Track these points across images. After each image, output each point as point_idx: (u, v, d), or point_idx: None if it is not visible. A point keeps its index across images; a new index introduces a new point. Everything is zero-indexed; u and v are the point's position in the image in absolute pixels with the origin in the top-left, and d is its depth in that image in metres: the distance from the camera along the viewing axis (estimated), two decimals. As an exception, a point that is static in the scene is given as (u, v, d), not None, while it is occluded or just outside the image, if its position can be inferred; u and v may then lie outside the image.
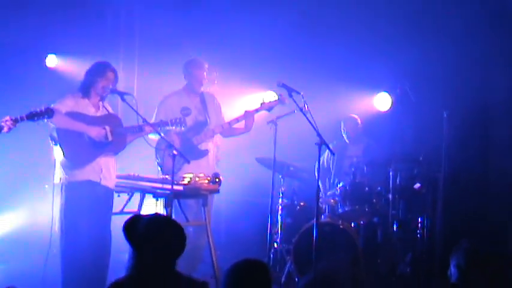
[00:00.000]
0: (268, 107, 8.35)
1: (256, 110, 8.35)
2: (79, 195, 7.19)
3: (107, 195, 7.44)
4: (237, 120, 8.35)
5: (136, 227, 4.30)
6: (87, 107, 7.40)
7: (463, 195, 9.63)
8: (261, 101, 8.41)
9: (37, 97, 7.63)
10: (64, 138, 7.21)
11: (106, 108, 7.55)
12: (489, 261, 5.26)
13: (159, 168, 8.10)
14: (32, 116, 6.64)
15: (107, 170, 7.42)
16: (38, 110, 6.66)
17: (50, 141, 7.30)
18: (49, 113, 6.71)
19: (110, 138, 7.34)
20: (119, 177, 7.68)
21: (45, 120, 6.77)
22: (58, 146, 7.22)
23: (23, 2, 9.43)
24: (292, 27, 10.24)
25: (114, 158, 7.52)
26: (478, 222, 9.57)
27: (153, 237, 4.25)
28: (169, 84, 8.88)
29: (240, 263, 4.26)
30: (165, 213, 7.21)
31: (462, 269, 5.18)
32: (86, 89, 7.41)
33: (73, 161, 7.24)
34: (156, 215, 4.58)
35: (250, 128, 8.37)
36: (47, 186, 8.13)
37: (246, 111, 8.34)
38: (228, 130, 8.42)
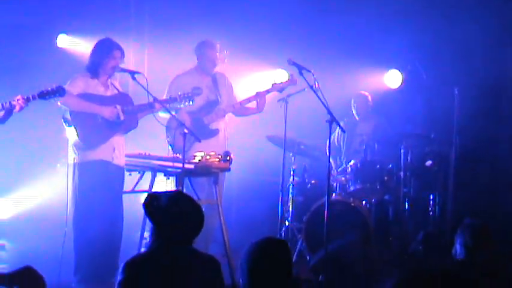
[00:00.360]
0: (279, 87, 8.33)
1: (268, 91, 8.33)
2: (92, 175, 7.24)
3: (119, 173, 7.49)
4: (249, 100, 8.35)
5: (156, 203, 4.34)
6: (97, 87, 7.42)
7: (475, 172, 9.63)
8: (272, 82, 8.39)
9: (48, 77, 7.65)
10: (78, 120, 7.24)
11: (115, 86, 7.56)
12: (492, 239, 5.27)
13: (170, 147, 8.11)
14: (43, 95, 6.67)
15: (119, 148, 7.47)
16: (50, 88, 6.68)
17: (64, 123, 7.32)
18: (60, 91, 6.73)
19: (122, 117, 7.38)
20: (129, 156, 7.70)
21: (57, 98, 6.79)
22: (72, 127, 7.25)
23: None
24: (302, 3, 10.19)
25: (123, 136, 7.55)
26: (489, 199, 9.57)
27: (173, 213, 4.30)
28: (180, 63, 8.87)
29: (261, 242, 4.27)
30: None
31: (469, 247, 5.19)
32: (94, 69, 7.43)
33: (87, 142, 7.28)
34: (177, 191, 4.61)
35: (262, 108, 8.37)
36: (58, 165, 8.16)
37: (257, 92, 8.33)
38: (239, 110, 8.42)
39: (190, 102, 7.67)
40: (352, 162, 8.97)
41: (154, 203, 4.37)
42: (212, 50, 8.37)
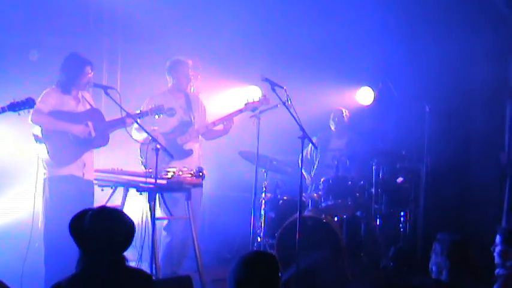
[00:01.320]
0: (252, 107, 8.33)
1: (241, 111, 8.32)
2: (63, 190, 7.26)
3: (89, 188, 7.51)
4: (221, 120, 8.33)
5: (79, 222, 4.25)
6: (69, 102, 7.45)
7: (445, 189, 9.71)
8: (245, 101, 8.38)
9: (20, 90, 7.61)
10: (48, 137, 7.26)
11: (86, 100, 7.58)
12: (471, 252, 5.30)
13: (144, 169, 8.08)
14: (13, 107, 6.64)
15: (89, 164, 7.51)
16: (20, 100, 6.66)
17: (34, 140, 7.31)
18: (30, 103, 6.71)
19: (93, 134, 7.40)
20: (102, 171, 7.69)
21: (27, 110, 6.76)
22: (43, 144, 7.24)
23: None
24: (274, 20, 10.27)
25: (93, 151, 7.57)
26: (459, 214, 9.65)
27: (94, 231, 4.19)
28: (152, 78, 8.90)
29: (250, 256, 4.24)
30: (148, 207, 7.23)
31: (448, 261, 5.20)
32: (66, 86, 7.45)
33: (58, 160, 7.30)
34: (102, 208, 4.49)
35: (228, 130, 8.37)
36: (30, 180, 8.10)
37: (230, 113, 8.32)
38: (210, 132, 8.41)
39: (156, 116, 7.69)
40: (324, 178, 9.00)
41: (77, 222, 4.29)
42: (185, 67, 8.36)
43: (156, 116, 7.73)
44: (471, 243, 5.41)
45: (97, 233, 4.19)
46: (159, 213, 7.65)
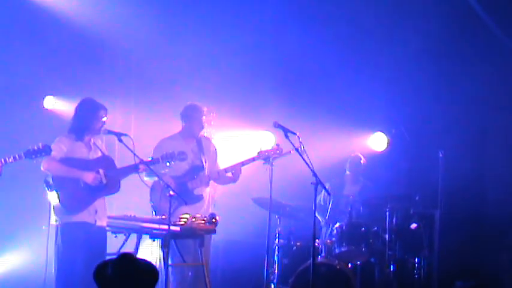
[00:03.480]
0: (264, 156, 8.24)
1: (253, 159, 8.28)
2: (75, 237, 7.23)
3: (101, 235, 7.49)
4: (233, 168, 8.32)
5: (103, 271, 4.27)
6: (81, 149, 7.46)
7: (460, 235, 9.64)
8: (258, 149, 8.35)
9: (34, 137, 7.66)
10: (60, 185, 7.27)
11: (98, 147, 7.59)
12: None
13: (153, 212, 8.07)
14: (30, 154, 6.70)
15: (101, 210, 7.48)
16: (36, 147, 6.73)
17: (46, 187, 7.32)
18: (46, 150, 6.77)
19: (105, 181, 7.40)
20: (115, 217, 7.70)
21: (43, 157, 6.83)
22: (54, 191, 7.25)
23: (24, 44, 9.49)
24: (287, 66, 10.34)
25: (105, 198, 7.57)
26: (475, 260, 9.58)
27: (117, 279, 4.21)
28: (166, 125, 8.93)
29: None
30: (161, 254, 7.21)
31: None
32: (79, 132, 7.45)
33: (69, 207, 7.29)
34: (121, 255, 4.51)
35: (236, 179, 8.36)
36: (44, 227, 8.13)
37: (242, 161, 8.31)
38: (222, 178, 8.40)
39: (167, 164, 7.70)
40: (337, 225, 8.97)
41: (101, 272, 4.31)
42: (199, 113, 8.37)
43: (167, 163, 7.72)
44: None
45: (121, 282, 4.20)
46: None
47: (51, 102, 9.94)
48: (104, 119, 7.51)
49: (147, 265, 4.36)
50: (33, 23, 9.60)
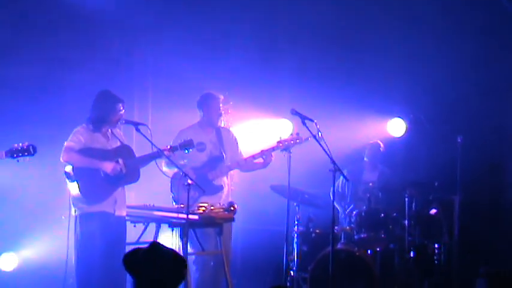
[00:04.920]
0: (284, 146, 8.22)
1: (273, 149, 8.28)
2: (95, 226, 7.27)
3: (121, 224, 7.52)
4: (253, 157, 8.28)
5: (134, 257, 4.33)
6: (99, 139, 7.48)
7: (480, 220, 9.60)
8: (277, 139, 8.31)
9: (51, 127, 7.70)
10: (80, 175, 7.29)
11: (116, 136, 7.61)
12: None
13: (174, 203, 8.08)
14: (12, 153, 6.47)
15: (120, 200, 7.51)
16: (20, 146, 6.51)
17: (66, 178, 7.35)
18: (29, 150, 6.56)
19: (124, 171, 7.42)
20: (134, 207, 7.74)
21: (25, 158, 6.72)
22: (74, 182, 7.28)
23: (44, 43, 9.50)
24: (303, 53, 10.30)
25: (124, 187, 7.60)
26: (494, 246, 9.54)
27: (150, 266, 4.27)
28: (183, 115, 8.93)
29: None
30: (180, 243, 7.24)
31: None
32: (97, 123, 7.47)
33: (89, 197, 7.32)
34: (155, 243, 4.58)
35: (267, 164, 8.35)
36: (63, 217, 8.17)
37: (262, 150, 8.30)
38: (245, 165, 8.38)
39: (186, 151, 7.70)
40: (356, 211, 8.96)
41: (132, 258, 4.36)
42: (216, 102, 8.36)
43: (186, 151, 7.72)
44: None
45: (151, 267, 4.27)
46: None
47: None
48: (122, 111, 7.53)
49: (176, 254, 4.43)
50: (49, 15, 9.59)
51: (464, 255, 9.03)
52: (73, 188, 7.32)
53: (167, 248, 4.51)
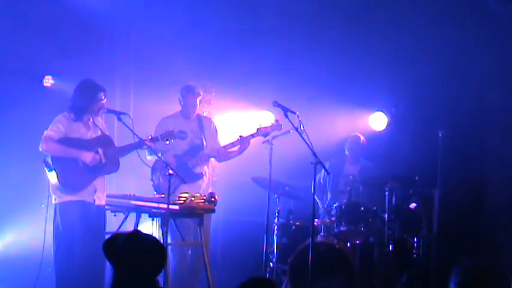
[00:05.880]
0: (264, 132, 8.30)
1: (252, 136, 8.32)
2: (74, 215, 7.27)
3: (101, 214, 7.53)
4: (233, 145, 8.34)
5: (113, 244, 4.32)
6: (79, 129, 7.47)
7: (459, 215, 9.64)
8: (257, 126, 8.38)
9: (33, 116, 7.66)
10: (59, 165, 7.29)
11: (97, 126, 7.58)
12: (490, 279, 5.23)
13: (155, 193, 8.08)
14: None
15: (100, 189, 7.51)
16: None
17: (45, 167, 7.32)
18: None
19: (104, 161, 7.41)
20: (114, 196, 7.74)
21: None
22: (53, 171, 7.26)
23: (23, 25, 9.45)
24: (286, 46, 10.30)
25: (104, 177, 7.57)
26: (473, 241, 9.58)
27: (128, 253, 4.26)
28: (165, 103, 8.93)
29: (250, 281, 4.26)
30: (161, 233, 7.23)
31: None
32: (78, 112, 7.44)
33: (67, 186, 7.32)
34: (136, 231, 4.57)
35: (243, 150, 8.38)
36: (43, 205, 8.16)
37: (241, 137, 8.33)
38: (222, 155, 8.42)
39: (167, 142, 7.70)
40: (336, 204, 8.98)
41: (111, 244, 4.36)
42: (191, 95, 8.37)
43: (167, 141, 7.73)
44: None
45: (129, 254, 4.26)
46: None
47: (50, 81, 9.90)
48: (104, 100, 7.51)
49: (156, 241, 4.42)
50: (33, 3, 9.56)
51: (443, 249, 9.06)
52: (52, 177, 7.31)
53: (147, 234, 4.50)
